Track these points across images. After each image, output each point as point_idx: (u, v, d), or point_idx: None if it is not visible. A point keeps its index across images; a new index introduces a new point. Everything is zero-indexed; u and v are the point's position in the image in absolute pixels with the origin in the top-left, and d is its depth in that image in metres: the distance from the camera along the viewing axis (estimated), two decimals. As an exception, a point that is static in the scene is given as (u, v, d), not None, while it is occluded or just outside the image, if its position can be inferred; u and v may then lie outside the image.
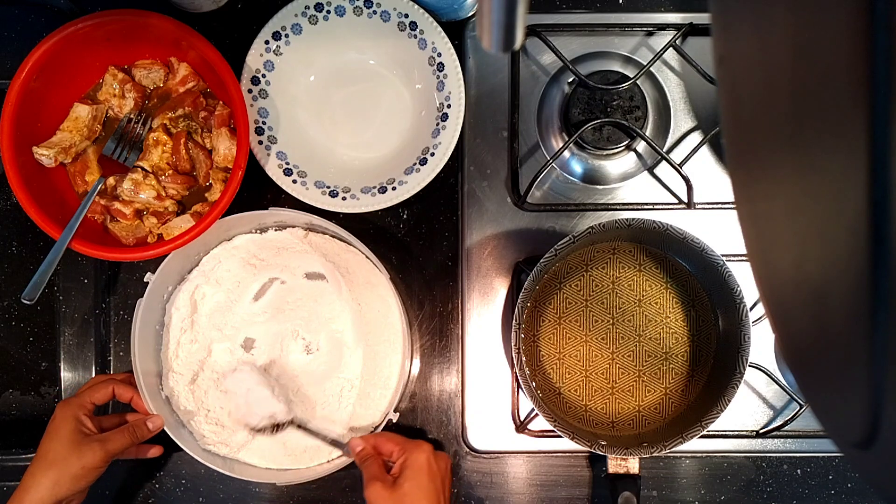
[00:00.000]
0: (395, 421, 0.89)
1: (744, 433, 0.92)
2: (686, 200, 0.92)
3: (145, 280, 0.86)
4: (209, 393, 0.89)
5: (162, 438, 0.93)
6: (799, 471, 0.93)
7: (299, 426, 0.85)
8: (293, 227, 0.91)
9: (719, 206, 0.93)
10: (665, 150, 0.93)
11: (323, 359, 0.90)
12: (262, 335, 0.91)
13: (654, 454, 0.80)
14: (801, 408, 0.90)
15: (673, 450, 0.80)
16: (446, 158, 0.89)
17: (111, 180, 0.88)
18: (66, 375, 0.92)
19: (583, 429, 0.86)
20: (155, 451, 0.89)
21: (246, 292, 0.91)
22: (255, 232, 0.91)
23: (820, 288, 0.30)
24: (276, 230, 0.91)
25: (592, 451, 0.81)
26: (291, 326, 0.90)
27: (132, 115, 0.89)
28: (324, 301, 0.90)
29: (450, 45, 0.90)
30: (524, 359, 0.85)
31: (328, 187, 0.90)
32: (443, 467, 0.79)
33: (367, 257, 0.88)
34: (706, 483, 0.93)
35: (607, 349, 0.88)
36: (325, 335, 0.90)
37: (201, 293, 0.90)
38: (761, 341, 0.90)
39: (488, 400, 0.92)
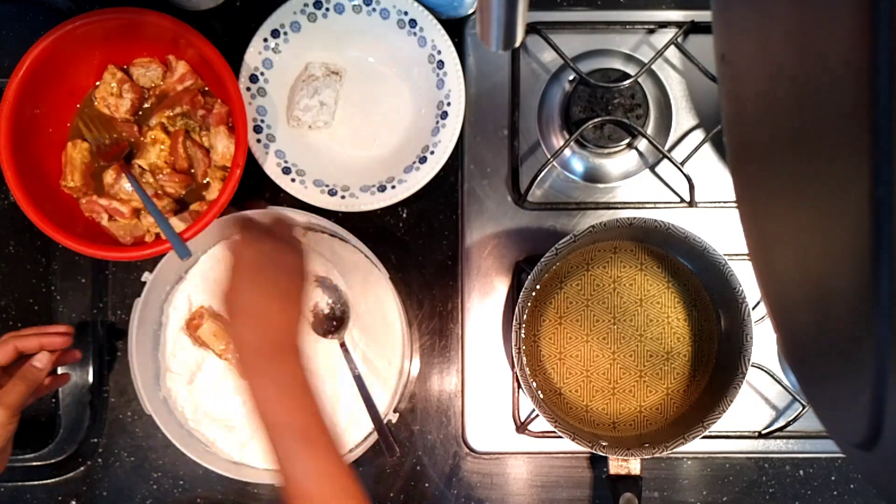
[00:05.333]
0: (394, 422, 0.89)
1: (746, 434, 0.91)
2: (688, 199, 0.92)
3: (143, 280, 0.86)
4: (207, 393, 0.88)
5: (166, 442, 0.93)
6: (801, 472, 0.93)
7: None
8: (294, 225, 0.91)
9: (721, 204, 0.92)
10: (666, 148, 0.92)
11: (321, 360, 0.90)
12: None
13: (655, 455, 0.80)
14: (803, 408, 0.89)
15: (675, 451, 0.79)
16: (446, 157, 0.89)
17: (109, 179, 0.88)
18: (63, 375, 0.92)
19: (584, 429, 0.85)
20: (70, 357, 0.85)
21: None
22: None
23: (822, 288, 0.30)
24: None
25: (593, 451, 0.81)
26: None
27: (129, 117, 0.89)
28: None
29: (449, 42, 0.90)
30: (525, 359, 0.84)
31: (327, 186, 0.89)
32: (252, 254, 0.66)
33: (366, 256, 0.87)
34: (708, 484, 0.93)
35: (608, 349, 0.87)
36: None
37: (199, 293, 0.90)
38: (764, 341, 0.90)
39: (488, 400, 0.92)
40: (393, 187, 0.89)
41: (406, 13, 0.90)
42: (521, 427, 0.90)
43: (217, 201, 0.82)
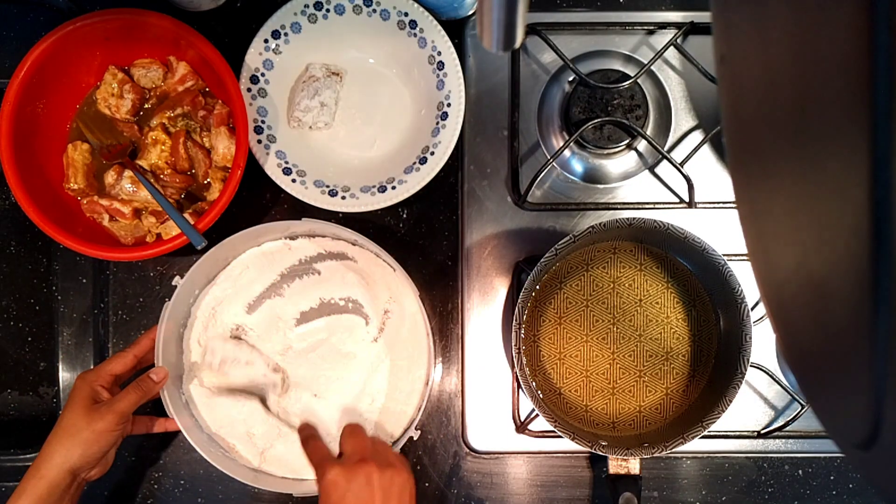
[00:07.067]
0: (416, 438, 0.88)
1: (745, 433, 0.92)
2: (687, 199, 0.92)
3: (174, 283, 0.85)
4: (229, 398, 0.88)
5: (167, 441, 0.93)
6: (800, 471, 0.93)
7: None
8: (322, 236, 0.90)
9: (720, 205, 0.93)
10: (666, 149, 0.93)
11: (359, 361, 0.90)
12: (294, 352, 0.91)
13: (654, 455, 0.80)
14: (802, 408, 0.89)
15: (674, 450, 0.80)
16: (446, 157, 0.89)
17: (110, 179, 0.88)
18: (64, 375, 0.92)
19: (583, 429, 0.85)
20: (169, 426, 0.87)
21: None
22: (285, 240, 0.91)
23: (821, 288, 0.30)
24: (305, 239, 0.90)
25: (593, 451, 0.81)
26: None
27: (130, 118, 0.89)
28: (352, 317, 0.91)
29: (449, 43, 0.90)
30: (524, 359, 0.84)
31: (327, 186, 0.90)
32: (359, 484, 0.71)
33: (393, 269, 0.87)
34: (707, 483, 0.93)
35: (608, 349, 0.88)
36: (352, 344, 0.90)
37: (226, 296, 0.89)
38: (763, 341, 0.90)
39: (488, 400, 0.92)
40: (393, 188, 0.89)
41: (406, 14, 0.90)
42: (521, 427, 0.91)
43: (218, 201, 0.83)
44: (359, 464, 0.72)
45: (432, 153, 0.89)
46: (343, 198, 0.89)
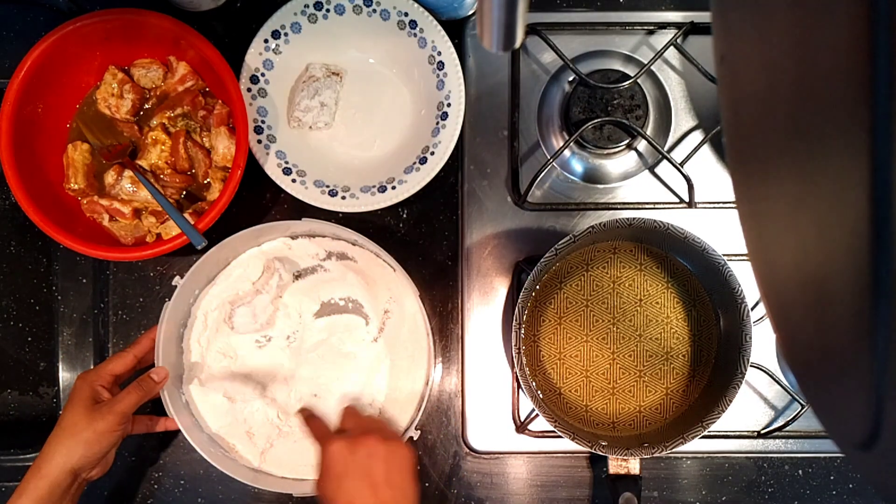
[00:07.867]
0: (416, 439, 0.88)
1: (745, 434, 0.92)
2: (687, 200, 0.92)
3: (174, 283, 0.85)
4: (229, 398, 0.88)
5: (167, 441, 0.93)
6: (800, 471, 0.93)
7: None
8: (322, 236, 0.90)
9: (720, 205, 0.93)
10: (666, 149, 0.93)
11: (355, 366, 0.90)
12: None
13: (654, 455, 0.80)
14: (802, 408, 0.89)
15: (674, 450, 0.80)
16: (446, 157, 0.89)
17: (110, 179, 0.88)
18: (64, 376, 0.92)
19: (583, 429, 0.85)
20: (170, 425, 0.87)
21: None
22: (285, 240, 0.90)
23: (821, 287, 0.30)
24: (305, 239, 0.91)
25: (593, 451, 0.81)
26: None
27: (130, 118, 0.89)
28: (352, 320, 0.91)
29: (450, 43, 0.90)
30: (524, 359, 0.84)
31: (327, 186, 0.90)
32: (362, 456, 0.71)
33: (393, 269, 0.87)
34: (707, 484, 0.93)
35: (608, 349, 0.88)
36: (352, 345, 0.90)
37: (227, 295, 0.89)
38: (763, 341, 0.90)
39: (488, 400, 0.92)
40: (393, 188, 0.89)
41: (406, 14, 0.90)
42: (521, 427, 0.91)
43: (218, 201, 0.82)
44: (361, 436, 0.73)
45: (432, 153, 0.89)
46: (343, 198, 0.89)
